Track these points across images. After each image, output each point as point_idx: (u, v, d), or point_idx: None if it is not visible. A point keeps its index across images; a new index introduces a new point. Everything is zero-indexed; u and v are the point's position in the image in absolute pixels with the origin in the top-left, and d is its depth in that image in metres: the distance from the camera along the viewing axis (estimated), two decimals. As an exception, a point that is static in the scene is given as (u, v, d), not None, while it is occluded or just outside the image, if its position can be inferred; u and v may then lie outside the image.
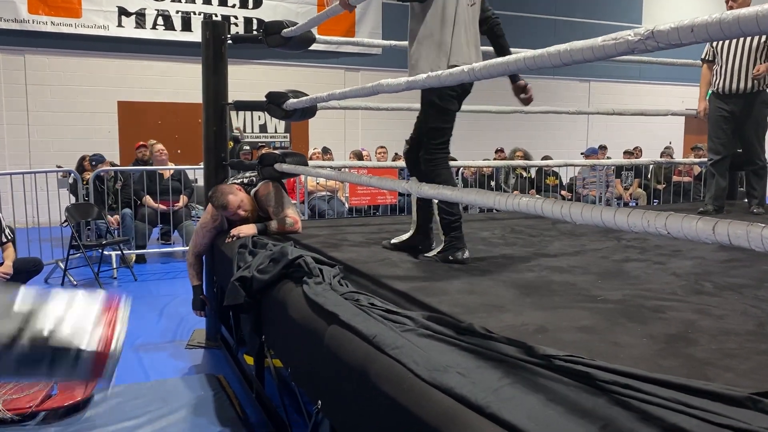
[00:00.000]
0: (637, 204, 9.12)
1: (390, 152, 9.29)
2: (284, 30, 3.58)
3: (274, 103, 3.50)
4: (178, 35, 9.99)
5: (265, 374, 2.83)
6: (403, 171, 8.04)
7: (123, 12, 9.67)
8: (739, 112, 4.14)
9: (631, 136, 12.28)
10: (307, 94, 3.41)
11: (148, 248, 6.66)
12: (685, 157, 10.14)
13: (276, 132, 10.93)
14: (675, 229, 1.08)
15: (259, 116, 10.77)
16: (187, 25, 10.02)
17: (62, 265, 5.54)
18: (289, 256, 2.26)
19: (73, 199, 7.04)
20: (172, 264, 6.44)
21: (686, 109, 4.67)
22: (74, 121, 9.62)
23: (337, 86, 10.16)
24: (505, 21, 2.91)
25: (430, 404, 1.22)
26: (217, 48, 3.66)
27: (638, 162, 7.37)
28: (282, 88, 3.58)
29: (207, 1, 10.11)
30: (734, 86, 4.10)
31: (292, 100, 3.41)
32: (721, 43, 4.12)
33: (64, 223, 6.09)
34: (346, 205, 7.35)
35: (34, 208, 6.22)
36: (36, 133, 9.46)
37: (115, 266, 5.84)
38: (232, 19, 10.24)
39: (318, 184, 7.27)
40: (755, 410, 1.08)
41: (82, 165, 7.41)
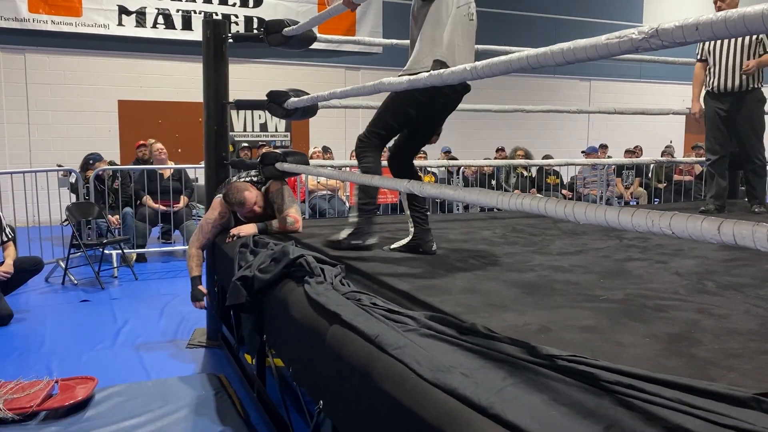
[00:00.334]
0: (638, 203, 9.12)
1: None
2: (285, 29, 3.58)
3: (275, 102, 3.49)
4: (179, 34, 9.99)
5: (267, 374, 2.83)
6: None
7: (123, 11, 9.67)
8: (734, 110, 4.14)
9: (632, 135, 12.27)
10: (307, 93, 3.40)
11: (149, 247, 6.66)
12: (685, 156, 10.13)
13: (277, 131, 10.92)
14: (679, 228, 1.07)
15: (260, 115, 10.77)
16: (187, 24, 10.01)
17: (63, 264, 5.54)
18: (291, 256, 2.25)
19: (73, 198, 7.03)
20: (173, 263, 6.44)
21: (687, 108, 4.67)
22: (74, 120, 9.62)
23: (338, 85, 10.15)
24: (506, 19, 2.91)
25: (433, 404, 1.21)
26: (217, 47, 3.66)
27: (639, 161, 7.37)
28: (283, 86, 3.57)
29: (207, -1, 10.13)
30: (728, 84, 4.10)
31: (292, 99, 3.41)
32: (713, 42, 4.11)
33: (65, 222, 6.08)
34: (347, 204, 7.34)
35: (34, 207, 6.22)
36: (36, 132, 9.45)
37: (115, 265, 5.83)
38: (233, 18, 10.24)
39: (319, 183, 7.26)
40: (759, 411, 1.07)
41: (87, 163, 7.38)
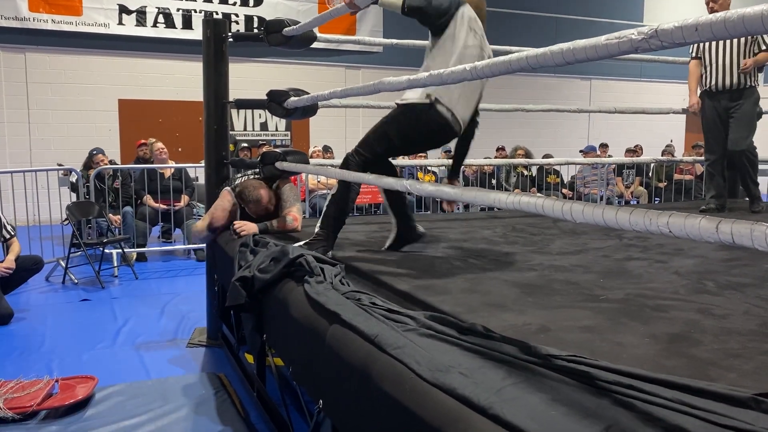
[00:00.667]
0: (638, 202, 9.11)
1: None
2: (285, 29, 3.57)
3: (275, 102, 3.49)
4: (179, 33, 9.99)
5: (267, 373, 2.83)
6: (403, 169, 8.04)
7: (124, 10, 9.66)
8: (731, 107, 4.13)
9: (633, 134, 12.27)
10: (308, 93, 3.40)
11: (149, 246, 6.66)
12: (685, 155, 10.12)
13: (277, 130, 10.92)
14: (678, 228, 1.07)
15: (260, 114, 10.77)
16: (187, 23, 10.01)
17: (63, 264, 5.54)
18: (290, 255, 2.25)
19: (73, 197, 7.03)
20: (173, 262, 6.44)
21: (687, 107, 4.66)
22: (75, 119, 9.62)
23: (338, 84, 10.14)
24: (507, 18, 2.90)
25: (432, 405, 1.21)
26: (217, 46, 3.66)
27: (639, 160, 7.36)
28: (283, 86, 3.57)
29: (208, -2, 10.13)
30: (725, 82, 4.09)
31: (293, 99, 3.40)
32: (707, 42, 4.11)
33: (65, 222, 6.08)
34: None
35: (34, 206, 6.22)
36: (37, 131, 9.45)
37: (116, 264, 5.83)
38: (233, 17, 10.24)
39: (319, 182, 7.26)
40: (759, 411, 1.07)
41: (90, 157, 7.34)
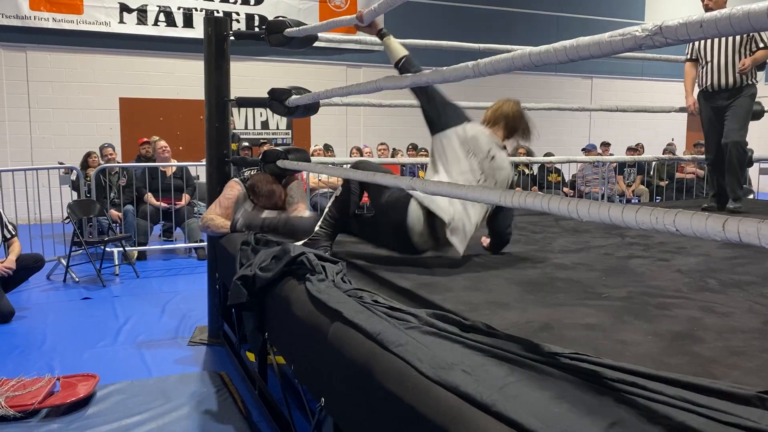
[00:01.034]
0: (640, 201, 9.10)
1: (391, 148, 9.28)
2: (287, 29, 3.56)
3: (277, 100, 3.48)
4: (180, 32, 9.98)
5: (268, 371, 2.83)
6: (404, 167, 8.03)
7: (125, 8, 9.66)
8: (728, 106, 4.12)
9: (634, 133, 12.25)
10: (309, 91, 3.40)
11: (150, 245, 6.66)
12: (686, 154, 10.10)
13: (278, 128, 10.92)
14: (684, 226, 1.07)
15: (261, 113, 10.77)
16: (188, 22, 10.01)
17: (64, 262, 5.54)
18: (292, 254, 2.25)
19: (74, 196, 7.03)
20: (174, 261, 6.44)
21: (686, 106, 4.65)
22: (76, 118, 9.62)
23: (340, 83, 10.11)
24: (508, 17, 2.89)
25: (435, 402, 1.21)
26: (219, 44, 3.65)
27: (641, 159, 7.35)
28: (284, 84, 3.57)
29: (208, -3, 10.12)
30: (723, 81, 4.08)
31: (294, 97, 3.40)
32: (704, 42, 4.10)
33: (66, 220, 6.09)
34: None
35: (35, 205, 6.22)
36: (37, 129, 9.45)
37: (117, 263, 5.83)
38: (234, 16, 10.23)
39: (320, 180, 7.26)
40: (763, 408, 1.07)
41: (86, 161, 7.39)
